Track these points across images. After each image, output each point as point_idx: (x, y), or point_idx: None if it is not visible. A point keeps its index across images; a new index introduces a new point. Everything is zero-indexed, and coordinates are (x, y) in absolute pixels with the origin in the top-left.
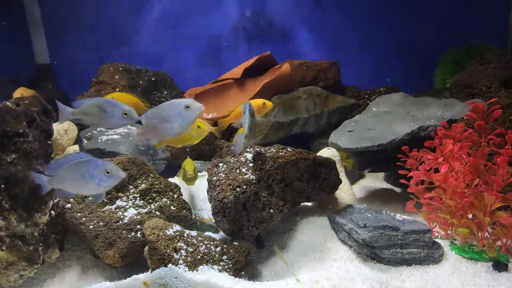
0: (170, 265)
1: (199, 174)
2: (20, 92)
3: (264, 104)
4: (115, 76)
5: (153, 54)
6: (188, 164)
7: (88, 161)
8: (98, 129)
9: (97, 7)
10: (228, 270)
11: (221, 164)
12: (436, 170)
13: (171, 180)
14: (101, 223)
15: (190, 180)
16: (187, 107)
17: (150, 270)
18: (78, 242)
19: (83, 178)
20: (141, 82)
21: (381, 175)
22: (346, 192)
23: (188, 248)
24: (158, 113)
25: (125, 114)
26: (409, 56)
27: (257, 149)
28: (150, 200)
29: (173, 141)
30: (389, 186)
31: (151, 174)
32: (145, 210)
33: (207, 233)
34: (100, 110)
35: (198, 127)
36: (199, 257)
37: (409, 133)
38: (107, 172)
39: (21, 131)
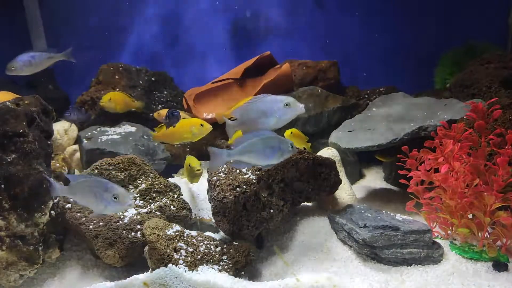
0: (170, 265)
1: None
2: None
3: None
4: (115, 76)
5: (153, 54)
6: (193, 161)
7: (100, 182)
8: (98, 128)
9: (97, 7)
10: (228, 270)
11: None
12: (436, 170)
13: (170, 180)
14: (101, 223)
15: (197, 176)
16: (287, 105)
17: (150, 270)
18: (78, 242)
19: (93, 197)
20: (141, 82)
21: (381, 175)
22: (346, 192)
23: (188, 248)
24: (256, 106)
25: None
26: (409, 56)
27: None
28: (150, 200)
29: (173, 136)
30: (389, 186)
31: (151, 174)
32: (145, 210)
33: (207, 233)
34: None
35: (201, 125)
36: (199, 257)
37: (409, 133)
38: (115, 198)
39: (21, 131)
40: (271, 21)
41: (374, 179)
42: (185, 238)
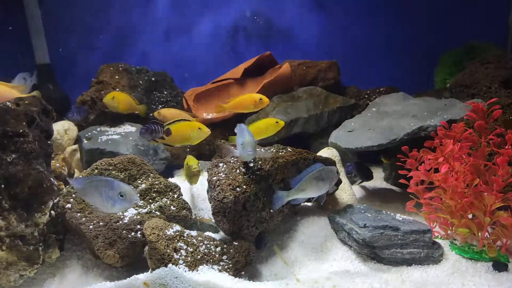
0: (170, 265)
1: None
2: None
3: (260, 99)
4: (115, 76)
5: (153, 54)
6: (192, 160)
7: (106, 181)
8: (98, 128)
9: (97, 7)
10: (228, 270)
11: (221, 164)
12: (436, 170)
13: (171, 180)
14: (101, 223)
15: (195, 175)
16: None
17: (150, 270)
18: (78, 242)
19: (100, 197)
20: (141, 82)
21: (381, 175)
22: (346, 192)
23: (188, 248)
24: None
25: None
26: (409, 56)
27: (257, 149)
28: (150, 200)
29: (173, 139)
30: (389, 186)
31: (151, 174)
32: (145, 210)
33: (207, 233)
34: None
35: (199, 128)
36: (199, 257)
37: (409, 133)
38: (121, 195)
39: (21, 131)
40: (271, 21)
41: (374, 179)
42: (185, 238)
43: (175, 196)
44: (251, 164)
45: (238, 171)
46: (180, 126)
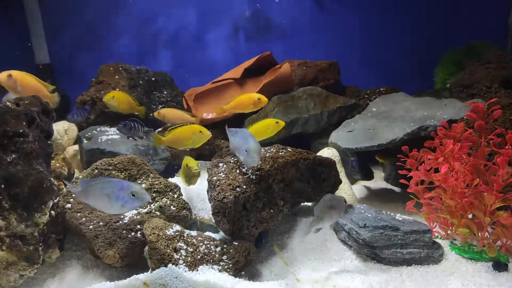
0: (170, 265)
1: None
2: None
3: (259, 99)
4: (115, 76)
5: (153, 54)
6: (191, 161)
7: (113, 182)
8: (98, 128)
9: (97, 7)
10: (228, 270)
11: (221, 164)
12: (436, 170)
13: (171, 180)
14: (101, 223)
15: (194, 176)
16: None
17: (150, 270)
18: (78, 242)
19: (107, 198)
20: (141, 82)
21: (381, 175)
22: (346, 192)
23: (188, 248)
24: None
25: None
26: (409, 56)
27: None
28: (150, 200)
29: (175, 143)
30: (389, 186)
31: (151, 174)
32: (145, 210)
33: (207, 233)
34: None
35: (200, 131)
36: (199, 257)
37: (409, 133)
38: (133, 195)
39: (21, 131)
40: (271, 20)
41: (374, 179)
42: (185, 238)
43: (175, 196)
44: None
45: (238, 171)
46: (182, 130)
